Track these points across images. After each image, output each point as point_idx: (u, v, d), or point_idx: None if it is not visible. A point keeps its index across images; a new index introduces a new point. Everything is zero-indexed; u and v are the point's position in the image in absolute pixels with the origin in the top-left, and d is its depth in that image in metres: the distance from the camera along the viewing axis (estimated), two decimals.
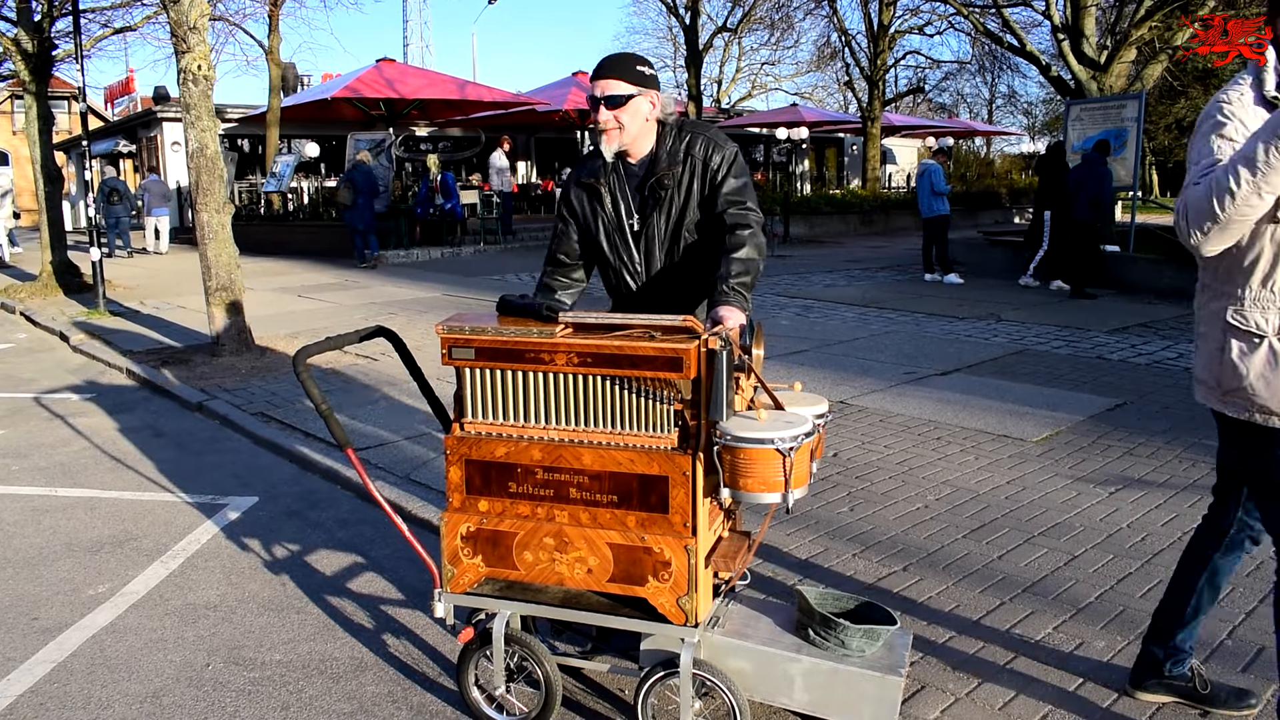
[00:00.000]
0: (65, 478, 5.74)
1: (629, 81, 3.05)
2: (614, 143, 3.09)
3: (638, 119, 3.08)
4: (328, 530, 4.82)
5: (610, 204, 3.19)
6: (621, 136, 3.08)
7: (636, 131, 3.10)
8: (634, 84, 3.05)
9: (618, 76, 3.05)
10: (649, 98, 3.09)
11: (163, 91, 28.21)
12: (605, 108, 3.05)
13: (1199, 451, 5.55)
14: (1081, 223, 12.13)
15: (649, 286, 3.22)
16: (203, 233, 8.72)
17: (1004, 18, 18.24)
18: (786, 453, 2.50)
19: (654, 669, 2.79)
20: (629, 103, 3.05)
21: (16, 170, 38.34)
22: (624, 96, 3.04)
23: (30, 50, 14.14)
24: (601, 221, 3.22)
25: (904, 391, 7.07)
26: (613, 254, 3.23)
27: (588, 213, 3.24)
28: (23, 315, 12.76)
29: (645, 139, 3.14)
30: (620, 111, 3.05)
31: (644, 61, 3.14)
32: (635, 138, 3.11)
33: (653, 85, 3.10)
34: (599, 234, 3.23)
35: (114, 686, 3.37)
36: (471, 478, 2.84)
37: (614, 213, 3.19)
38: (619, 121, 3.05)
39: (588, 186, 3.22)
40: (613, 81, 3.05)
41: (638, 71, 3.08)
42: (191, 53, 8.37)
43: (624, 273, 3.24)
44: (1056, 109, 36.04)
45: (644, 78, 3.08)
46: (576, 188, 3.27)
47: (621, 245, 3.21)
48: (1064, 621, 3.57)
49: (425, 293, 13.41)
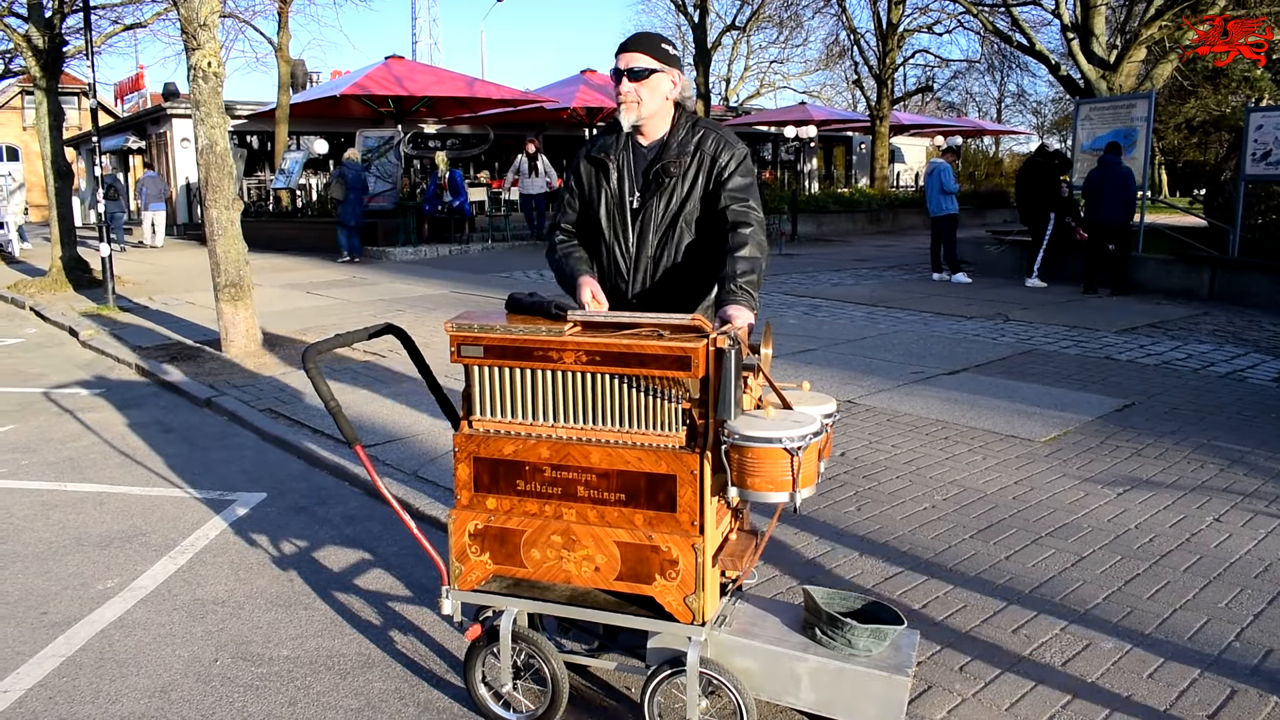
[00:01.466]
0: (74, 473, 5.76)
1: (653, 57, 3.10)
2: (632, 114, 3.13)
3: (658, 95, 3.12)
4: (336, 526, 4.83)
5: (615, 180, 3.21)
6: (640, 110, 3.11)
7: (656, 108, 3.13)
8: (658, 60, 3.10)
9: (643, 51, 3.10)
10: (671, 76, 3.13)
11: (172, 88, 28.25)
12: (627, 80, 3.09)
13: (1207, 452, 5.54)
14: (1114, 226, 12.21)
15: (637, 270, 3.22)
16: (212, 229, 8.74)
17: (1013, 16, 18.19)
18: (794, 452, 2.50)
19: (661, 667, 2.80)
20: (651, 77, 3.09)
21: (27, 166, 38.50)
22: (647, 70, 3.08)
23: (41, 46, 14.19)
24: (605, 196, 3.24)
25: (911, 391, 7.06)
26: (609, 230, 3.25)
27: (593, 185, 3.27)
28: (33, 310, 12.80)
29: (662, 119, 3.17)
30: (641, 85, 3.09)
31: (669, 41, 3.19)
32: (654, 115, 3.15)
33: (675, 65, 3.15)
34: (599, 208, 3.25)
35: (122, 681, 3.38)
36: (480, 475, 2.85)
37: (618, 189, 3.22)
38: (639, 95, 3.09)
39: (597, 161, 3.25)
40: (637, 55, 3.09)
41: (662, 49, 3.13)
42: (201, 49, 8.38)
43: (616, 251, 3.25)
44: (1066, 108, 35.91)
45: (668, 56, 3.12)
46: (586, 161, 3.30)
47: (620, 223, 3.23)
48: (1071, 622, 3.57)
49: (434, 290, 13.43)
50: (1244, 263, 11.76)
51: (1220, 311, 10.96)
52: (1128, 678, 3.18)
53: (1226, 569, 3.99)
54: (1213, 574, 3.95)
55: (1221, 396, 6.87)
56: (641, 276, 3.22)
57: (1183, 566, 4.02)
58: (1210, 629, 3.51)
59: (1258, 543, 4.26)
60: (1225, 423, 6.17)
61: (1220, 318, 10.51)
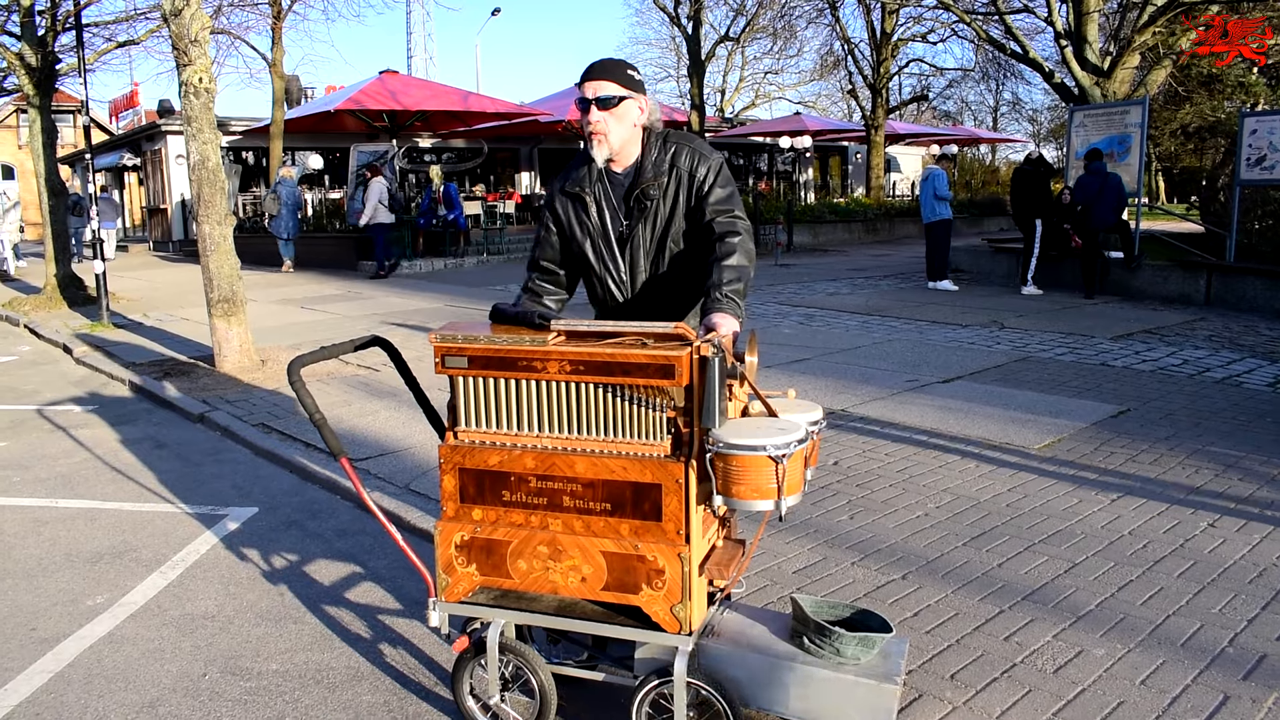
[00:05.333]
0: (66, 489, 5.74)
1: (620, 84, 3.06)
2: (604, 149, 3.09)
3: (626, 122, 3.08)
4: (327, 540, 4.81)
5: (596, 212, 3.18)
6: (610, 141, 3.07)
7: (625, 136, 3.10)
8: (624, 86, 3.06)
9: (608, 78, 3.06)
10: (638, 102, 3.10)
11: (167, 105, 28.29)
12: (597, 108, 3.05)
13: (1202, 458, 5.52)
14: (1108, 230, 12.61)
15: (635, 297, 3.21)
16: (204, 244, 8.74)
17: (1006, 25, 18.21)
18: (779, 459, 2.49)
19: (648, 678, 2.78)
20: (620, 104, 3.06)
21: (22, 184, 38.47)
22: (615, 98, 3.05)
23: (34, 64, 14.22)
24: (588, 230, 3.20)
25: (906, 399, 7.05)
26: (598, 263, 3.22)
27: (573, 221, 3.23)
28: (27, 328, 12.79)
29: (632, 145, 3.14)
30: (611, 113, 3.05)
31: (632, 66, 3.15)
32: (625, 142, 3.11)
33: (641, 90, 3.11)
34: (584, 242, 3.21)
35: (110, 696, 3.36)
36: (465, 486, 2.83)
37: (599, 221, 3.18)
38: (607, 125, 3.05)
39: (573, 195, 3.21)
40: (604, 83, 3.05)
41: (627, 75, 3.08)
42: (193, 65, 8.39)
43: (609, 282, 3.22)
44: (1061, 116, 35.98)
45: (633, 81, 3.09)
46: (561, 196, 3.25)
47: (607, 254, 3.20)
48: (1063, 629, 3.55)
49: (428, 303, 13.42)
50: (1240, 268, 11.77)
51: (1217, 317, 10.96)
52: (1120, 684, 3.17)
53: (1220, 574, 3.98)
54: (1206, 579, 3.93)
55: (1217, 402, 6.86)
56: (638, 302, 3.21)
57: (1176, 572, 4.00)
58: (1204, 634, 3.49)
59: (1252, 548, 4.24)
60: (1220, 428, 6.16)
61: (1216, 323, 10.50)
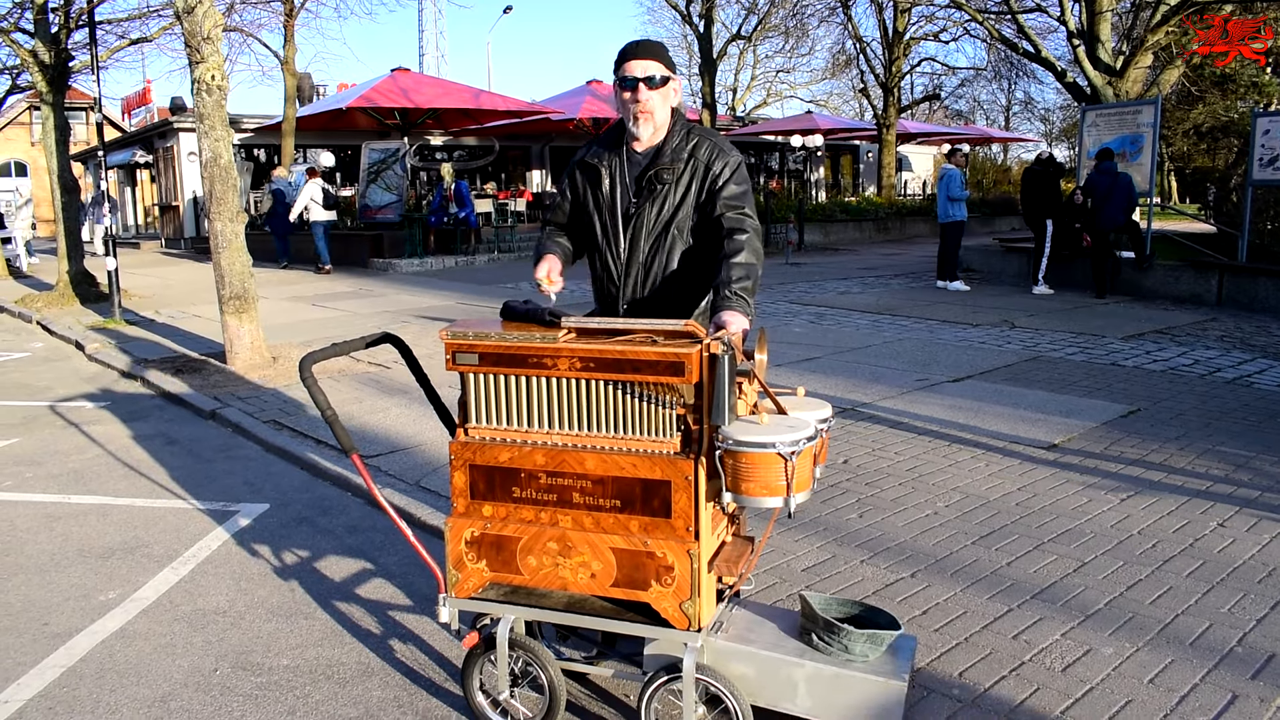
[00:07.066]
0: (78, 484, 5.78)
1: (664, 64, 3.10)
2: (649, 124, 3.11)
3: (669, 102, 3.13)
4: (337, 537, 4.84)
5: (608, 187, 3.21)
6: (655, 119, 3.11)
7: (666, 115, 3.14)
8: (668, 67, 3.11)
9: (654, 58, 3.09)
10: (676, 83, 3.15)
11: (179, 102, 28.35)
12: (646, 87, 3.06)
13: (1212, 458, 5.51)
14: (1119, 229, 12.63)
15: (628, 276, 3.21)
16: (216, 241, 8.77)
17: (1019, 24, 18.15)
18: (788, 456, 2.50)
19: (657, 674, 2.79)
20: (665, 84, 3.09)
21: (35, 181, 38.73)
22: (664, 78, 3.09)
23: (47, 61, 14.29)
24: (599, 201, 3.24)
25: (916, 398, 7.05)
26: (602, 236, 3.24)
27: (586, 192, 3.27)
28: (39, 324, 12.86)
29: (663, 127, 3.17)
30: (658, 92, 3.08)
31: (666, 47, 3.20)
32: (664, 122, 3.14)
33: (675, 71, 3.16)
34: (593, 214, 3.25)
35: (122, 691, 3.39)
36: (475, 483, 2.85)
37: (610, 196, 3.21)
38: (654, 104, 3.08)
39: (590, 167, 3.25)
40: (651, 62, 3.08)
41: (669, 56, 3.15)
42: (205, 63, 8.43)
43: (608, 257, 3.25)
44: (1073, 115, 35.83)
45: (672, 62, 3.15)
46: (580, 167, 3.30)
47: (611, 229, 3.22)
48: (1072, 628, 3.55)
49: (440, 301, 13.45)
50: (1252, 268, 11.72)
51: (1228, 317, 10.92)
52: (1128, 683, 3.16)
53: (1230, 574, 3.97)
54: (1215, 579, 3.93)
55: (1228, 402, 6.84)
56: (633, 283, 3.21)
57: (1185, 571, 4.00)
58: (1212, 634, 3.49)
59: (1262, 548, 4.23)
60: (1231, 428, 6.14)
61: (1228, 323, 10.47)
